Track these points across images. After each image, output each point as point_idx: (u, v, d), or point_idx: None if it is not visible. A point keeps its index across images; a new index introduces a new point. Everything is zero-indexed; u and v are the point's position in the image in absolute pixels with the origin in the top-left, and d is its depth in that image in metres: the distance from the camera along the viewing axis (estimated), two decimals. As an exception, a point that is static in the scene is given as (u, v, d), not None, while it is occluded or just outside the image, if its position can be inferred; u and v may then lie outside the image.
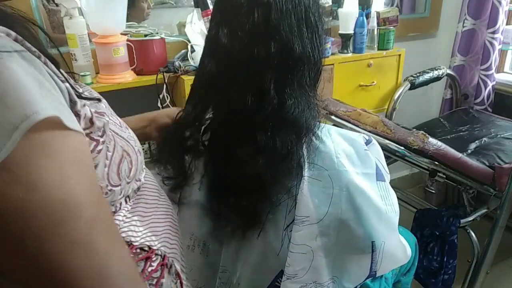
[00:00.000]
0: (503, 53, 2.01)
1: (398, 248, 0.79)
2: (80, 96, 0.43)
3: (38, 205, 0.33)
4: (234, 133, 0.68)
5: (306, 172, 0.68)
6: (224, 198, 0.71)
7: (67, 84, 0.41)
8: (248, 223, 0.71)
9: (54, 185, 0.34)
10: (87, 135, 0.43)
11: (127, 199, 0.53)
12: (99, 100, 0.50)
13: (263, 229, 0.72)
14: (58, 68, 0.41)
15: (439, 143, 1.23)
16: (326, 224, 0.69)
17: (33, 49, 0.38)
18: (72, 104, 0.41)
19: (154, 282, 0.51)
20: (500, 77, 1.99)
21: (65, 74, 0.43)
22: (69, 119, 0.37)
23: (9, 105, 0.32)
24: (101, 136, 0.45)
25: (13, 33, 0.37)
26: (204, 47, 0.72)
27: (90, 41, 1.30)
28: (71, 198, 0.35)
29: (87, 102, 0.45)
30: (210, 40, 0.70)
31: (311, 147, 0.70)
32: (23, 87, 0.33)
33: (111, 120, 0.50)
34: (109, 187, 0.47)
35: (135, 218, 0.52)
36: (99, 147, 0.44)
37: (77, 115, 0.41)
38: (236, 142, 0.68)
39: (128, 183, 0.51)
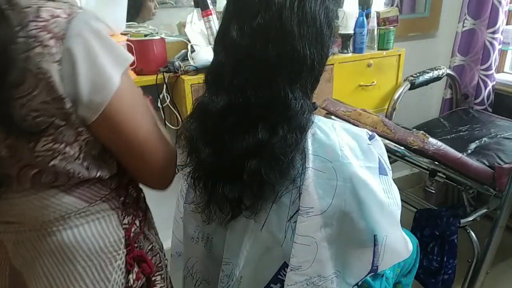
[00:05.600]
0: (503, 53, 2.01)
1: (400, 242, 0.79)
2: None
3: (136, 101, 0.65)
4: (238, 126, 0.69)
5: (310, 164, 0.69)
6: (226, 189, 0.72)
7: None
8: (252, 214, 0.72)
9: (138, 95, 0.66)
10: None
11: None
12: None
13: (266, 220, 0.72)
14: None
15: (439, 143, 1.23)
16: (329, 215, 0.70)
17: None
18: None
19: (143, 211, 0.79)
20: (500, 77, 1.99)
21: None
22: None
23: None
24: None
25: None
26: (217, 35, 0.73)
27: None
28: (143, 102, 0.67)
29: None
30: (222, 31, 0.71)
31: (316, 140, 0.70)
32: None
33: None
34: None
35: None
36: None
37: None
38: (239, 135, 0.69)
39: None
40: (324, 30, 0.68)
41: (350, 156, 0.70)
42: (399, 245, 0.79)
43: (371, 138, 0.77)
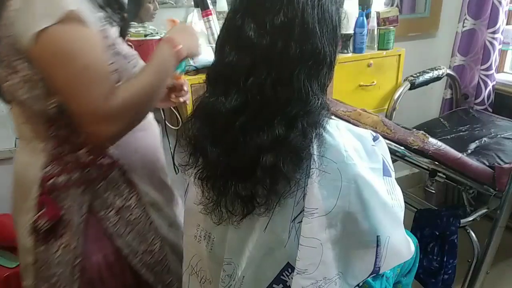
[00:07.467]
0: (503, 53, 2.01)
1: (402, 243, 0.79)
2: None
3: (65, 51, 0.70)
4: (252, 123, 0.69)
5: (315, 165, 0.69)
6: (238, 187, 0.72)
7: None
8: (266, 211, 0.72)
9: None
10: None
11: None
12: None
13: (270, 221, 0.72)
14: None
15: (439, 143, 1.23)
16: (334, 216, 0.70)
17: None
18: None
19: (101, 170, 0.87)
20: (500, 77, 1.99)
21: None
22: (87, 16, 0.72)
23: None
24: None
25: None
26: (223, 34, 0.72)
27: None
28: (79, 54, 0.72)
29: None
30: (233, 30, 0.69)
31: (321, 140, 0.70)
32: None
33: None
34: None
35: None
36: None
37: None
38: (254, 133, 0.68)
39: None
40: (337, 29, 0.71)
41: (355, 157, 0.70)
42: (402, 246, 0.79)
43: (375, 139, 0.77)
